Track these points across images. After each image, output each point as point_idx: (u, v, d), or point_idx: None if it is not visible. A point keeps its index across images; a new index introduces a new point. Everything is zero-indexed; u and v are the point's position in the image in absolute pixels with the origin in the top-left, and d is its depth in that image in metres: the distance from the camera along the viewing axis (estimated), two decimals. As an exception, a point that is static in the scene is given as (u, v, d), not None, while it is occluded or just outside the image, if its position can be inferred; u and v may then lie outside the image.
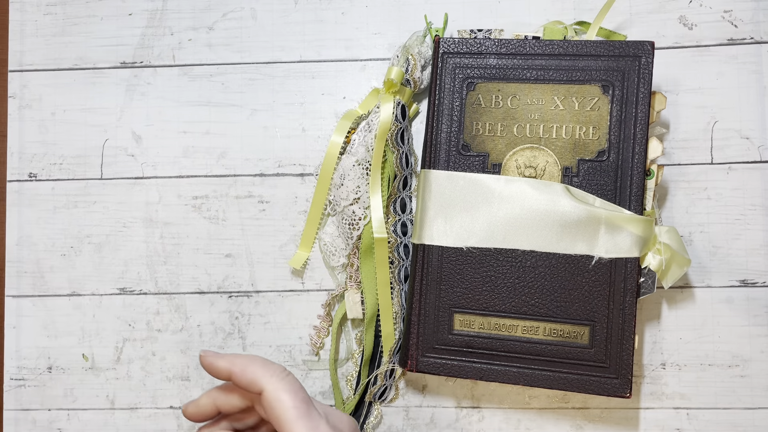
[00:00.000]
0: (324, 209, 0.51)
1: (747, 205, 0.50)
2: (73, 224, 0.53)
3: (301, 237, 0.51)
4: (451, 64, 0.46)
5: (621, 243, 0.43)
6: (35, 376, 0.53)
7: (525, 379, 0.45)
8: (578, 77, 0.45)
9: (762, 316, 0.49)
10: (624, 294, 0.44)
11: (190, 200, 0.53)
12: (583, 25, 0.50)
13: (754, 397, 0.49)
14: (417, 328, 0.46)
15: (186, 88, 0.53)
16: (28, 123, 0.54)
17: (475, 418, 0.51)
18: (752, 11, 0.50)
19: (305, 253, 0.51)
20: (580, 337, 0.44)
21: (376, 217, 0.48)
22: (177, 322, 0.52)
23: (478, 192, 0.45)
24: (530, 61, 0.45)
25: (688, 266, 0.44)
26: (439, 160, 0.46)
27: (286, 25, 0.53)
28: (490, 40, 0.46)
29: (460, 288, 0.45)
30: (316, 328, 0.51)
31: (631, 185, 0.44)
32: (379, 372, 0.49)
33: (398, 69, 0.48)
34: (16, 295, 0.53)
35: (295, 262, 0.51)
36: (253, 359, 0.39)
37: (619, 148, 0.44)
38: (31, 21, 0.54)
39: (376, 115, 0.49)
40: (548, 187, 0.44)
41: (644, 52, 0.44)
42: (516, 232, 0.44)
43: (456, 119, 0.46)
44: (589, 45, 0.45)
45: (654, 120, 0.45)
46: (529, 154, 0.45)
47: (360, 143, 0.49)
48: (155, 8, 0.53)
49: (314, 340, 0.51)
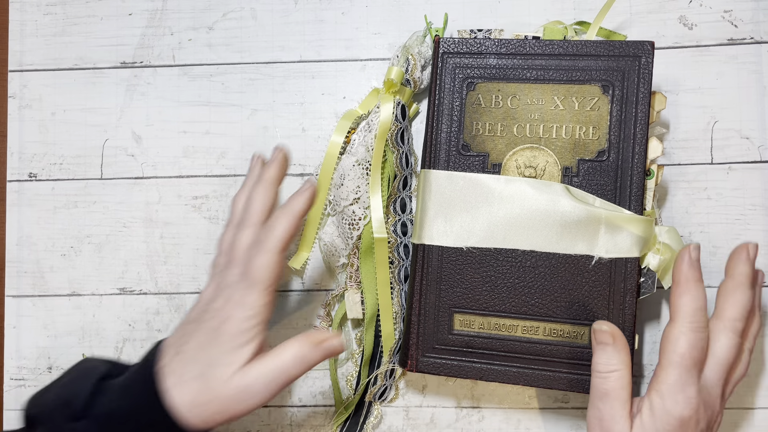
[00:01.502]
0: (324, 209, 0.51)
1: (747, 205, 0.50)
2: (73, 224, 0.53)
3: (302, 237, 0.51)
4: (451, 64, 0.46)
5: (621, 243, 0.43)
6: (35, 376, 0.53)
7: (525, 379, 0.45)
8: (578, 77, 0.45)
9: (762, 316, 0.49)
10: (624, 294, 0.44)
11: (190, 200, 0.53)
12: (583, 25, 0.50)
13: (754, 397, 0.49)
14: (417, 328, 0.46)
15: (186, 88, 0.53)
16: (28, 123, 0.54)
17: (475, 418, 0.51)
18: (752, 11, 0.50)
19: (305, 254, 0.51)
20: (580, 337, 0.44)
21: (376, 217, 0.48)
22: (177, 322, 0.52)
23: (478, 192, 0.45)
24: (530, 61, 0.45)
25: None
26: (439, 160, 0.46)
27: (286, 25, 0.53)
28: (490, 40, 0.46)
29: (460, 288, 0.45)
30: (316, 328, 0.51)
31: (631, 185, 0.44)
32: (379, 372, 0.49)
33: (398, 69, 0.48)
34: (16, 295, 0.53)
35: (295, 262, 0.51)
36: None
37: (619, 148, 0.44)
38: (31, 21, 0.54)
39: (376, 115, 0.49)
40: (548, 187, 0.44)
41: (644, 52, 0.44)
42: (516, 232, 0.44)
43: (456, 119, 0.46)
44: (589, 45, 0.45)
45: (654, 120, 0.45)
46: (529, 154, 0.45)
47: (360, 143, 0.49)
48: (155, 8, 0.53)
49: None
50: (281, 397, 0.51)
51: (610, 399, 0.39)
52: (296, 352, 0.38)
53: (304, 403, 0.51)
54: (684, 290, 0.40)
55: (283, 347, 0.39)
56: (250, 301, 0.39)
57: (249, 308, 0.39)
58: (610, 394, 0.39)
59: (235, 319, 0.38)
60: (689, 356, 0.39)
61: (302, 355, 0.38)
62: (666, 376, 0.39)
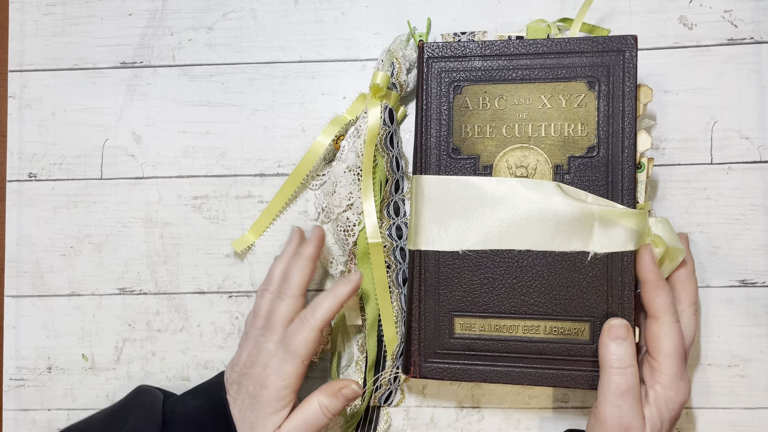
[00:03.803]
0: (287, 204, 0.51)
1: (747, 205, 0.50)
2: (72, 224, 0.53)
3: (254, 223, 0.51)
4: (436, 69, 0.46)
5: (615, 237, 0.44)
6: (35, 376, 0.53)
7: (528, 379, 0.45)
8: (563, 75, 0.45)
9: (762, 316, 0.49)
10: (622, 288, 0.44)
11: (190, 200, 0.53)
12: (566, 22, 0.50)
13: (754, 397, 0.49)
14: (418, 334, 0.46)
15: (186, 88, 0.53)
16: (28, 123, 0.54)
17: (475, 418, 0.51)
18: (752, 11, 0.50)
19: (252, 238, 0.51)
20: (580, 334, 0.44)
21: (370, 222, 0.48)
22: (177, 322, 0.52)
23: (470, 195, 0.45)
24: (515, 61, 0.46)
25: (682, 256, 0.44)
26: (430, 165, 0.46)
27: (286, 25, 0.53)
28: (474, 42, 0.46)
29: (458, 292, 0.45)
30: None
31: (623, 179, 0.44)
32: (383, 378, 0.49)
33: (384, 73, 0.48)
34: (15, 295, 0.53)
35: (237, 244, 0.51)
36: None
37: (608, 143, 0.44)
38: (31, 21, 0.54)
39: (364, 121, 0.49)
40: (540, 185, 0.44)
41: (627, 47, 0.44)
42: (511, 232, 0.45)
43: (444, 123, 0.46)
44: (572, 42, 0.45)
45: (641, 113, 0.45)
46: (519, 154, 0.45)
47: (350, 149, 0.49)
48: (155, 8, 0.53)
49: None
50: (281, 397, 0.51)
51: (630, 395, 0.40)
52: (319, 404, 0.44)
53: (304, 403, 0.51)
54: (657, 288, 0.42)
55: (307, 402, 0.44)
56: (286, 371, 0.43)
57: (285, 378, 0.43)
58: (630, 390, 0.40)
59: (272, 387, 0.43)
60: (682, 347, 0.42)
61: (326, 406, 0.44)
62: (667, 368, 0.41)
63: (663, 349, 0.41)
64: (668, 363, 0.41)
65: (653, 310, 0.42)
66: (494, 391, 0.50)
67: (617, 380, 0.41)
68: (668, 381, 0.41)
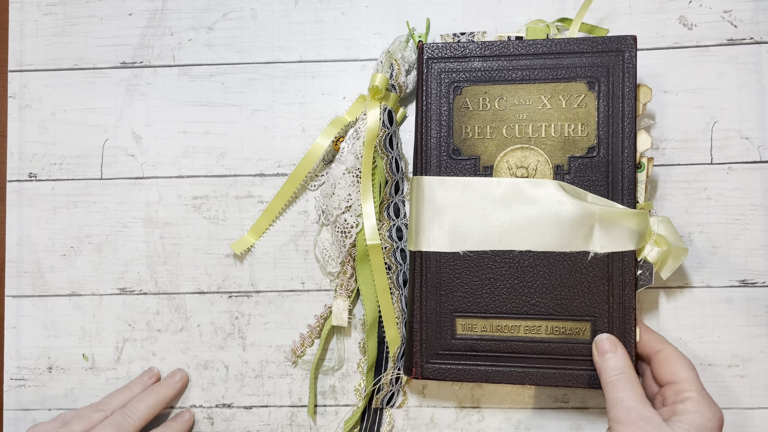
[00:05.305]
0: (286, 205, 0.51)
1: (747, 205, 0.50)
2: (73, 224, 0.53)
3: (254, 224, 0.51)
4: (436, 70, 0.46)
5: (616, 237, 0.44)
6: (35, 376, 0.53)
7: (531, 379, 0.45)
8: (563, 75, 0.45)
9: (762, 316, 0.49)
10: (623, 287, 0.44)
11: (190, 200, 0.53)
12: (565, 22, 0.50)
13: (754, 397, 0.49)
14: (420, 335, 0.46)
15: (186, 88, 0.53)
16: (28, 123, 0.53)
17: (475, 418, 0.51)
18: (752, 11, 0.50)
19: (251, 239, 0.51)
20: (582, 333, 0.44)
21: (369, 224, 0.48)
22: (177, 322, 0.52)
23: (471, 196, 0.45)
24: (515, 62, 0.46)
25: (686, 255, 0.44)
26: (431, 166, 0.46)
27: (286, 25, 0.53)
28: (473, 43, 0.46)
29: (459, 292, 0.45)
30: (302, 336, 0.51)
31: (623, 179, 0.44)
32: (384, 380, 0.49)
33: (383, 75, 0.48)
34: (16, 295, 0.53)
35: (237, 245, 0.51)
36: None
37: (608, 143, 0.45)
38: (31, 21, 0.54)
39: (363, 122, 0.49)
40: (541, 185, 0.44)
41: (627, 47, 0.45)
42: (511, 233, 0.45)
43: (445, 124, 0.46)
44: (572, 42, 0.45)
45: (641, 113, 0.45)
46: (519, 154, 0.45)
47: (349, 151, 0.49)
48: (155, 8, 0.53)
49: (296, 347, 0.51)
50: (281, 397, 0.51)
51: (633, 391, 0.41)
52: None
53: (304, 403, 0.51)
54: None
55: None
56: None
57: None
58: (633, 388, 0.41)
59: None
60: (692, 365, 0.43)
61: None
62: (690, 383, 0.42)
63: (678, 367, 0.42)
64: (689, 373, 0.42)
65: (648, 351, 0.44)
66: (494, 391, 0.50)
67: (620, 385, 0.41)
68: (696, 395, 0.41)
